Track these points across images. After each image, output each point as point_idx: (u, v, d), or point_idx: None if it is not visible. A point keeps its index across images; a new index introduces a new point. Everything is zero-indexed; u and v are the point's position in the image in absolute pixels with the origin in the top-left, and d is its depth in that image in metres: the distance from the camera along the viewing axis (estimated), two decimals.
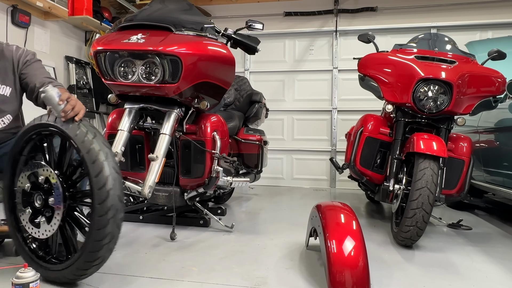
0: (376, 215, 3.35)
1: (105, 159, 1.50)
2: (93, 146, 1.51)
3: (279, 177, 5.29)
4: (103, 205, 1.47)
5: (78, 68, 4.78)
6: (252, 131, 3.24)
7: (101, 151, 1.51)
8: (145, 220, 2.78)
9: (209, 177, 2.36)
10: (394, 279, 1.83)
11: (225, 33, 2.45)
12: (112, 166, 1.51)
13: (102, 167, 1.48)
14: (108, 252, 1.55)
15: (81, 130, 1.55)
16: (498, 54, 2.69)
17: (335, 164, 3.26)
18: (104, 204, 1.47)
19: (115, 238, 1.53)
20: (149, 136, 2.47)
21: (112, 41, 2.09)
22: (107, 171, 1.48)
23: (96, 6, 4.73)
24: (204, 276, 1.78)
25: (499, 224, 3.07)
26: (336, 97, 5.14)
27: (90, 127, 1.60)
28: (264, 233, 2.59)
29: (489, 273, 1.94)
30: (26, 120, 2.15)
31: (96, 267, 1.56)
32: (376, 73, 2.72)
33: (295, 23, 5.27)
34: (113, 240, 1.53)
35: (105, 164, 1.49)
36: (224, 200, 3.63)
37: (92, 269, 1.56)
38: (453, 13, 4.85)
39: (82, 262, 1.52)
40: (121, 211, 1.53)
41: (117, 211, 1.50)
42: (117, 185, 1.50)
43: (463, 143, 2.62)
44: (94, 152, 1.50)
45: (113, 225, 1.49)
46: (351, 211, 1.87)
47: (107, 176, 1.48)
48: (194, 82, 2.16)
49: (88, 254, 1.50)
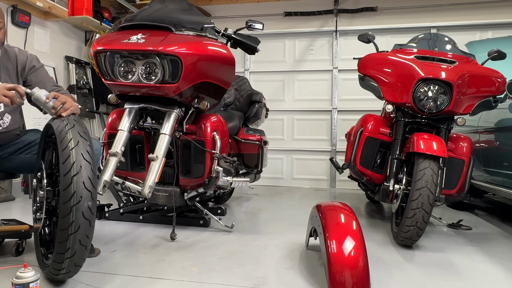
0: (376, 215, 3.35)
1: (73, 146, 1.51)
2: (66, 135, 1.54)
3: (279, 177, 5.29)
4: (66, 191, 1.45)
5: (78, 68, 4.78)
6: (252, 131, 3.24)
7: (73, 139, 1.53)
8: (145, 220, 2.78)
9: (209, 177, 2.36)
10: (394, 279, 1.83)
11: (225, 33, 2.45)
12: (81, 153, 1.51)
13: (69, 154, 1.50)
14: (78, 244, 1.47)
15: (63, 122, 1.61)
16: (498, 54, 2.69)
17: (335, 164, 3.26)
18: (68, 190, 1.45)
19: (82, 228, 1.47)
20: (149, 136, 2.47)
21: (112, 41, 2.09)
22: (73, 158, 1.49)
23: (96, 6, 4.73)
24: (204, 276, 1.78)
25: (499, 224, 3.07)
26: (336, 97, 5.14)
27: (73, 120, 1.63)
28: (264, 233, 2.59)
29: (489, 273, 1.94)
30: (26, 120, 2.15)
31: (70, 260, 1.49)
32: (376, 73, 2.72)
33: (295, 23, 5.27)
34: (80, 230, 1.46)
35: (73, 151, 1.50)
36: (224, 200, 3.63)
37: (66, 262, 1.49)
38: (453, 13, 4.85)
39: (55, 255, 1.50)
40: (87, 199, 1.48)
41: (81, 198, 1.46)
42: (83, 171, 1.49)
43: (463, 143, 2.62)
44: (66, 140, 1.53)
45: (77, 213, 1.45)
46: (351, 211, 1.87)
47: (72, 162, 1.48)
48: (194, 82, 2.16)
49: (58, 245, 1.48)
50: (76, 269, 1.56)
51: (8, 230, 2.00)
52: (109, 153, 2.06)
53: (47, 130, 1.77)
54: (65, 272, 1.53)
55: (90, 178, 1.50)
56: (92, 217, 1.51)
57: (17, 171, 2.13)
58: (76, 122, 1.63)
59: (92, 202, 1.50)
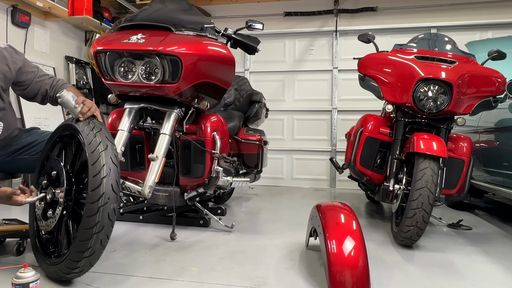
0: (376, 215, 3.35)
1: (103, 149, 1.57)
2: (95, 139, 1.59)
3: (279, 177, 5.29)
4: (95, 192, 1.50)
5: (78, 68, 4.78)
6: (252, 131, 3.24)
7: (102, 143, 1.59)
8: (145, 220, 2.78)
9: (209, 177, 2.36)
10: (394, 279, 1.83)
11: (225, 33, 2.45)
12: (110, 157, 1.57)
13: (99, 157, 1.55)
14: (98, 244, 1.52)
15: (89, 126, 1.67)
16: (498, 54, 2.69)
17: (335, 164, 3.26)
18: (96, 191, 1.50)
19: (105, 229, 1.52)
20: (149, 136, 2.47)
21: (112, 41, 2.09)
22: (103, 160, 1.54)
23: (96, 6, 4.73)
24: (204, 276, 1.78)
25: (499, 224, 3.07)
26: (336, 97, 5.14)
27: (99, 124, 1.69)
28: (264, 233, 2.59)
29: (489, 273, 1.94)
30: (26, 120, 2.15)
31: (87, 259, 1.53)
32: (376, 73, 2.72)
33: (295, 23, 5.27)
34: (103, 231, 1.51)
35: (102, 154, 1.56)
36: (224, 200, 3.63)
37: (83, 261, 1.52)
38: (453, 13, 4.85)
39: (73, 253, 1.52)
40: (113, 201, 1.53)
41: (109, 199, 1.51)
42: (112, 174, 1.54)
43: (463, 143, 2.62)
44: (95, 143, 1.58)
45: (103, 213, 1.50)
46: (351, 211, 1.87)
47: (102, 165, 1.53)
48: (194, 82, 2.16)
49: (78, 244, 1.50)
50: (89, 268, 1.59)
51: (10, 230, 2.00)
52: None
53: (64, 128, 1.80)
54: (78, 271, 1.56)
55: (117, 181, 1.57)
56: (114, 218, 1.56)
57: (17, 172, 2.13)
58: (103, 126, 1.70)
59: (117, 204, 1.57)
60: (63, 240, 1.69)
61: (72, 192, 1.67)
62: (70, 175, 1.70)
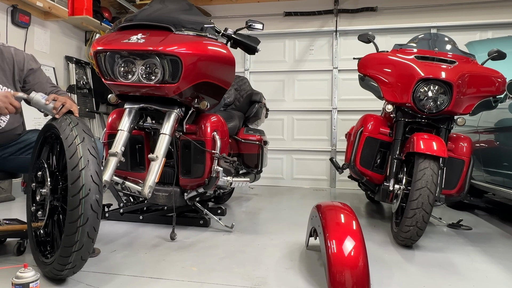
0: (376, 215, 3.35)
1: (80, 142, 1.57)
2: (71, 133, 1.60)
3: (279, 177, 5.29)
4: (75, 184, 1.50)
5: (78, 68, 4.78)
6: (252, 131, 3.24)
7: (78, 136, 1.59)
8: (145, 220, 2.79)
9: (209, 177, 2.36)
10: (394, 279, 1.83)
11: (225, 33, 2.45)
12: (87, 149, 1.57)
13: (76, 149, 1.55)
14: (85, 237, 1.51)
15: (66, 121, 1.67)
16: (498, 54, 2.69)
17: (335, 164, 3.26)
18: (76, 183, 1.50)
19: (90, 221, 1.51)
20: (149, 136, 2.47)
21: (112, 41, 2.09)
22: (80, 153, 1.54)
23: (96, 6, 4.73)
24: (204, 276, 1.78)
25: (499, 224, 3.07)
26: (336, 97, 5.15)
27: (76, 119, 1.69)
28: (264, 233, 2.59)
29: (489, 273, 1.94)
30: (26, 120, 2.15)
31: (77, 253, 1.52)
32: (376, 73, 2.72)
33: (295, 23, 5.27)
34: (89, 223, 1.51)
35: (79, 146, 1.56)
36: (224, 200, 3.63)
37: (73, 256, 1.52)
38: (453, 13, 4.85)
39: (62, 249, 1.52)
40: (95, 192, 1.53)
41: (90, 190, 1.51)
42: (91, 165, 1.54)
43: (463, 143, 2.62)
44: (71, 137, 1.58)
45: (85, 205, 1.49)
46: (351, 211, 1.87)
47: (80, 157, 1.53)
48: (194, 82, 2.16)
49: (66, 239, 1.50)
50: (81, 263, 1.58)
51: (10, 230, 2.00)
52: (109, 153, 2.06)
53: (46, 130, 1.78)
54: (71, 267, 1.56)
55: (97, 172, 1.56)
56: (99, 209, 1.55)
57: (18, 171, 2.14)
58: (79, 120, 1.69)
59: (99, 195, 1.56)
60: (58, 238, 1.68)
61: (59, 190, 1.67)
62: (57, 173, 1.71)
